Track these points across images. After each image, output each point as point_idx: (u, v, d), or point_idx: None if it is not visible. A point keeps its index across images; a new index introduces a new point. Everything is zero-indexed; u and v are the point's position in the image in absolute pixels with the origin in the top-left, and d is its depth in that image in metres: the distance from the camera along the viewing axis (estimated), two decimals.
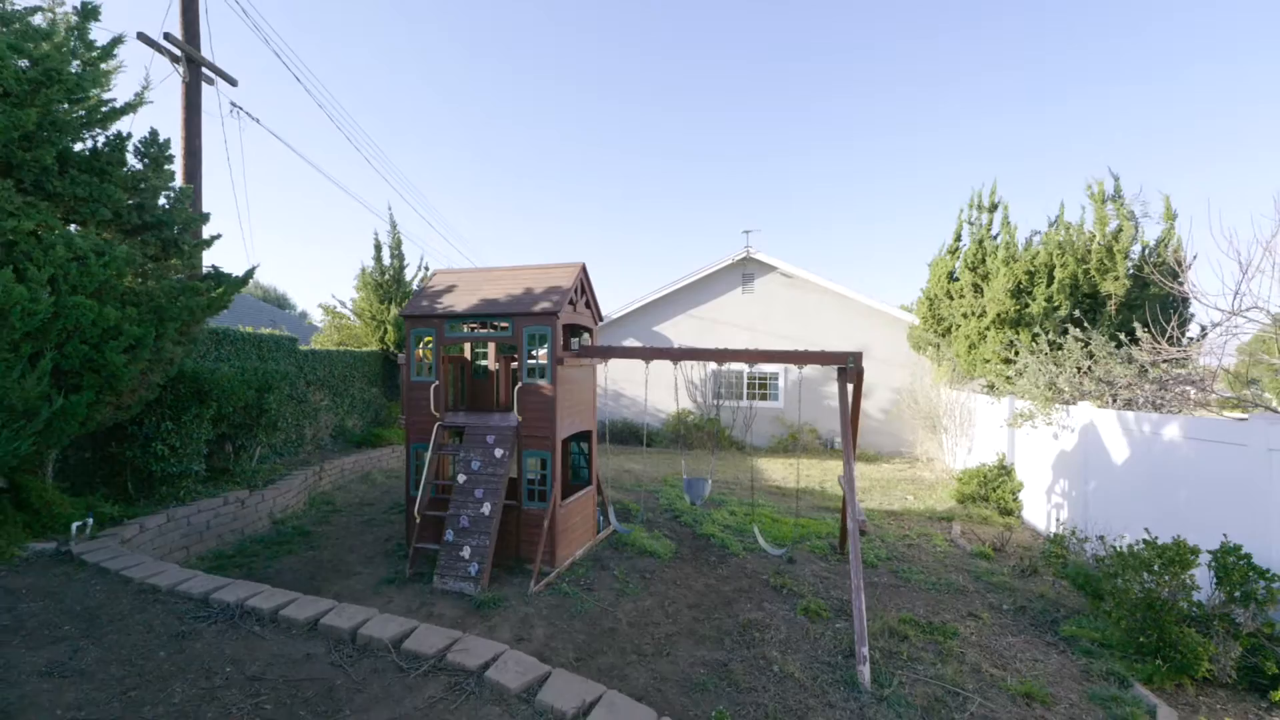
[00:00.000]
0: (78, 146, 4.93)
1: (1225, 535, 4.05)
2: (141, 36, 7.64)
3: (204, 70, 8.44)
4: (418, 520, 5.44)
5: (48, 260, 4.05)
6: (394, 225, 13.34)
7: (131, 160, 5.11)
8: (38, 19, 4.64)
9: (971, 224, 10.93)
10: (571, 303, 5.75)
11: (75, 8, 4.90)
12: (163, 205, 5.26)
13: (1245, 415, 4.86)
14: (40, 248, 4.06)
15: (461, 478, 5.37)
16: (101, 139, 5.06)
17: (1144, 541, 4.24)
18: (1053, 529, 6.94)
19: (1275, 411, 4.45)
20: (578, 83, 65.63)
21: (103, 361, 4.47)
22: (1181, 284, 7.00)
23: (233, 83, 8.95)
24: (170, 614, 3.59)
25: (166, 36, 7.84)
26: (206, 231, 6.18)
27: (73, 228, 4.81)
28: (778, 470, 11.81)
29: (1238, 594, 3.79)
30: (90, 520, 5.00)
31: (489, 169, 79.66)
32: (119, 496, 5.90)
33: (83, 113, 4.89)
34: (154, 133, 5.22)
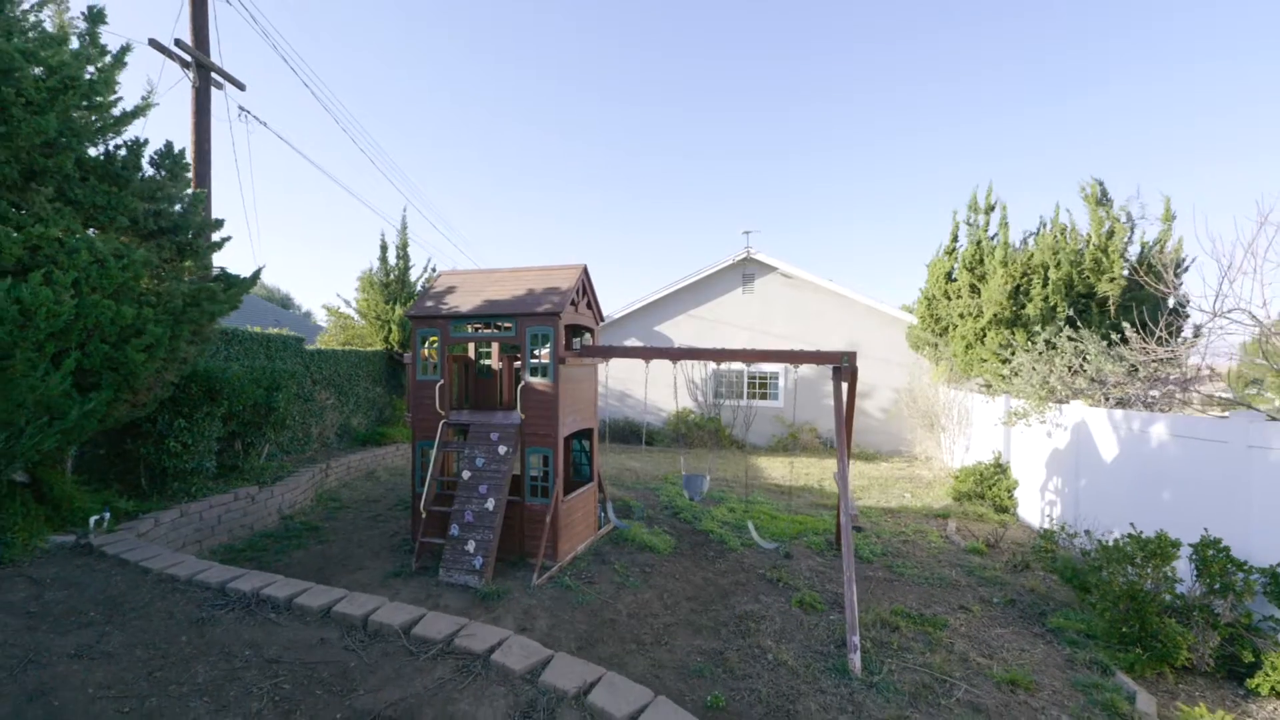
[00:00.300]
0: (92, 151, 5.09)
1: (1206, 529, 4.18)
2: (153, 43, 7.83)
3: (213, 75, 8.62)
4: (424, 515, 5.60)
5: (72, 264, 4.21)
6: (405, 226, 13.53)
7: (147, 168, 5.28)
8: (45, 16, 4.75)
9: (970, 225, 11.02)
10: (573, 303, 5.90)
11: (82, 12, 5.05)
12: (178, 210, 5.42)
13: (1227, 414, 4.98)
14: (64, 252, 4.22)
15: (466, 474, 5.52)
16: (115, 143, 5.22)
17: (1128, 536, 4.38)
18: (1046, 525, 7.07)
19: (1255, 410, 4.57)
20: (579, 83, 65.83)
21: (122, 360, 4.63)
22: (1177, 286, 7.11)
23: (241, 87, 9.12)
24: (189, 602, 3.75)
25: (178, 43, 8.01)
26: (218, 234, 6.34)
27: (91, 232, 4.97)
28: (778, 469, 11.94)
29: (1217, 585, 3.92)
30: (107, 514, 5.16)
31: (491, 170, 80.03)
32: (133, 492, 6.06)
33: (96, 118, 5.06)
34: (169, 145, 5.41)
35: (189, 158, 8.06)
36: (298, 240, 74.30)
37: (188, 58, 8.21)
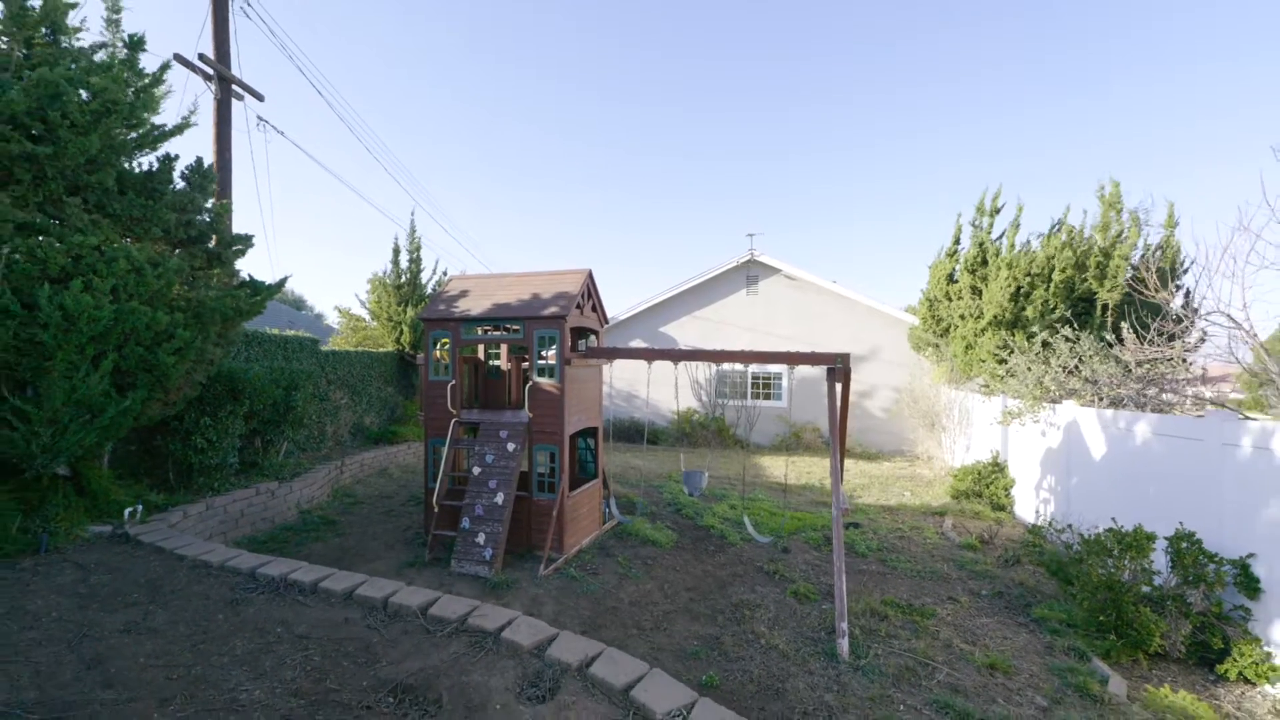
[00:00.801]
0: (128, 166, 5.43)
1: (1181, 523, 4.37)
2: (178, 58, 8.18)
3: (233, 87, 8.97)
4: (436, 509, 5.87)
5: (110, 272, 4.53)
6: (414, 230, 13.85)
7: (178, 181, 5.61)
8: (100, 55, 5.12)
9: (975, 226, 11.09)
10: (579, 307, 6.16)
11: (124, 40, 5.39)
12: (205, 220, 5.75)
13: (1203, 413, 5.16)
14: (104, 261, 4.54)
15: (476, 470, 5.80)
16: (151, 159, 5.57)
17: (1107, 529, 4.57)
18: (1040, 522, 7.24)
19: (1232, 410, 4.75)
20: (579, 83, 66.24)
21: (155, 362, 4.96)
22: (1177, 290, 7.24)
23: (260, 98, 9.47)
24: (223, 585, 4.05)
25: (201, 57, 8.37)
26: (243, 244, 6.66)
27: (126, 241, 5.31)
28: (780, 467, 12.14)
29: (1190, 576, 4.11)
30: (140, 506, 5.49)
31: (493, 169, 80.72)
32: (162, 486, 6.40)
33: (135, 135, 5.40)
34: (199, 160, 5.77)
35: (210, 164, 8.42)
36: (308, 240, 75.28)
37: (210, 71, 8.57)
